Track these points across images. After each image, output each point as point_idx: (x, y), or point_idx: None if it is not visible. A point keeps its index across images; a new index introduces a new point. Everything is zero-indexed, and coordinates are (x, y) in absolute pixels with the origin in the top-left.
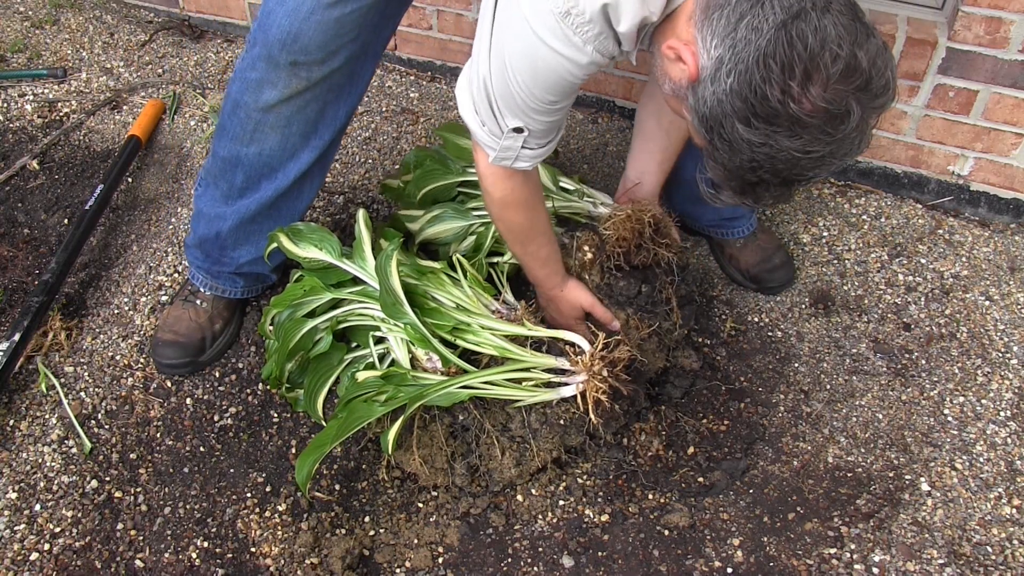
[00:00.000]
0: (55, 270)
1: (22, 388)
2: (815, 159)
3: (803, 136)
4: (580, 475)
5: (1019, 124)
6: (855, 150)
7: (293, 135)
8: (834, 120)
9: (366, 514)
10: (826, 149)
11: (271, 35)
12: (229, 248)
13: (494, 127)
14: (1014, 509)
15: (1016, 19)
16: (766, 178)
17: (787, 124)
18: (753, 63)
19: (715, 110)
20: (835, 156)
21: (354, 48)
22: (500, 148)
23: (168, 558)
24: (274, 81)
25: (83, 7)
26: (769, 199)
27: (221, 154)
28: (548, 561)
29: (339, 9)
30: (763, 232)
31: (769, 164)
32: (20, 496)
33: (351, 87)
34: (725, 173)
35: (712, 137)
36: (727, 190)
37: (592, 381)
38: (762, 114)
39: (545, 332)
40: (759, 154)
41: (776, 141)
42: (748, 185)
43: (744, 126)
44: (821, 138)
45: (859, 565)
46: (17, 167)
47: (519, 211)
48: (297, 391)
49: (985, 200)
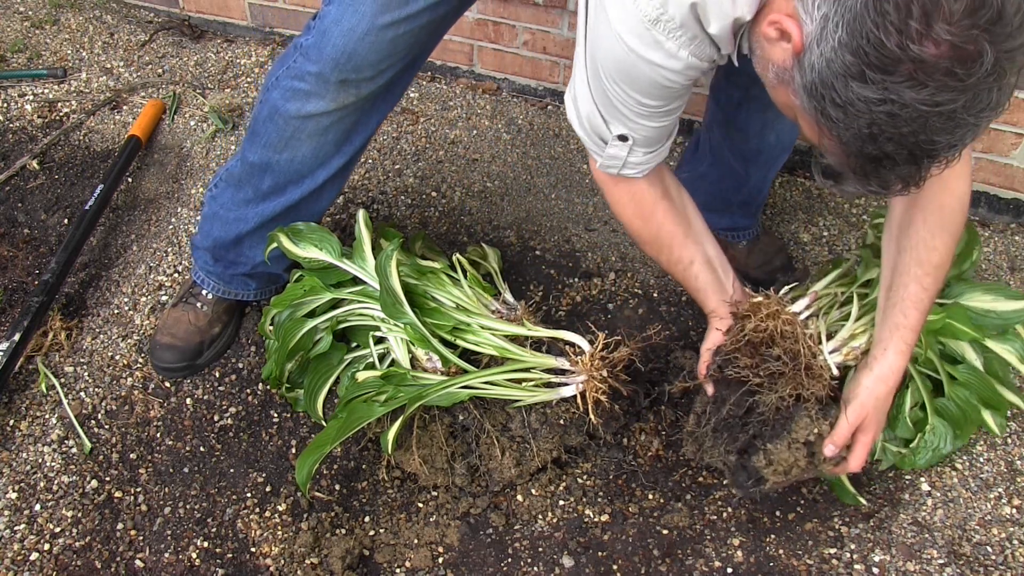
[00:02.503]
0: (55, 270)
1: (22, 388)
2: (945, 115)
3: (928, 84)
4: (580, 475)
5: (1019, 124)
6: (993, 104)
7: (328, 144)
8: (964, 61)
9: (366, 514)
10: (958, 101)
11: (326, 53)
12: (247, 248)
13: (597, 136)
14: (1014, 509)
15: None
16: (889, 150)
17: (908, 72)
18: (863, 9)
19: (824, 73)
20: (969, 111)
21: (402, 64)
22: (606, 156)
23: (168, 558)
24: (322, 94)
25: (83, 7)
26: (897, 182)
27: (251, 159)
28: (548, 561)
29: (393, 30)
30: (765, 235)
31: (892, 128)
32: (20, 496)
33: (389, 97)
34: (843, 150)
35: (823, 106)
36: (848, 174)
37: (592, 381)
38: (878, 64)
39: (545, 332)
40: (879, 115)
41: (897, 94)
42: (870, 163)
43: (859, 83)
44: (951, 84)
45: (859, 565)
46: (17, 167)
47: (634, 220)
48: (297, 391)
49: (985, 200)
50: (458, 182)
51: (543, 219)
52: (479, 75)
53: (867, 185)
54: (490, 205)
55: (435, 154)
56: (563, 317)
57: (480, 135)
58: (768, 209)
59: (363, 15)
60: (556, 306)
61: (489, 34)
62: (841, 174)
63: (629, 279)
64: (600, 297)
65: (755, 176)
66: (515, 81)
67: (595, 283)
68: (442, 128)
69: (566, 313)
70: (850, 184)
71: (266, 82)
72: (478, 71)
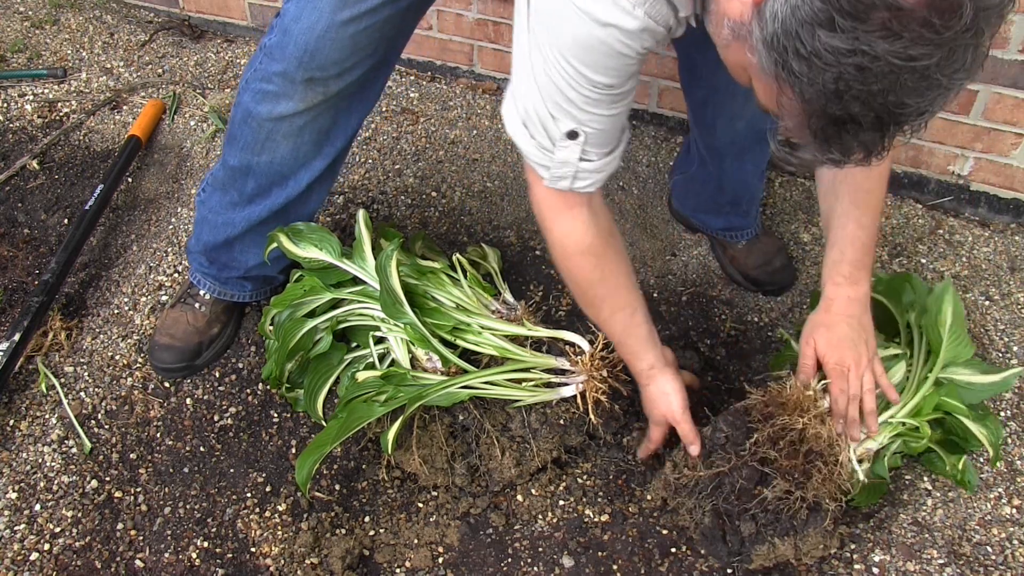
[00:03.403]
0: (55, 270)
1: (22, 388)
2: (919, 71)
3: (903, 35)
4: (580, 475)
5: (1019, 124)
6: (967, 65)
7: (305, 144)
8: (942, 12)
9: (366, 514)
10: (933, 57)
11: (288, 51)
12: (238, 252)
13: (544, 138)
14: (1014, 509)
15: (1016, 19)
16: (855, 111)
17: (882, 19)
18: None
19: (788, 22)
20: (942, 70)
21: (371, 62)
22: (555, 164)
23: (168, 558)
24: (290, 94)
25: (83, 7)
26: (859, 149)
27: (232, 163)
28: (548, 561)
29: (353, 26)
30: (765, 234)
31: (860, 84)
32: (20, 496)
33: (365, 96)
34: (803, 109)
35: (786, 59)
36: (807, 140)
37: (592, 381)
38: (850, 10)
39: (545, 332)
40: (847, 68)
41: (869, 44)
42: (833, 125)
43: (827, 31)
44: (927, 36)
45: (859, 565)
46: (17, 167)
47: (584, 259)
48: (297, 391)
49: (985, 200)
50: (458, 182)
51: None
52: (479, 75)
53: (827, 152)
54: (490, 205)
55: (435, 154)
56: (563, 317)
57: (480, 135)
58: (768, 209)
59: (322, 11)
60: (556, 306)
61: (489, 34)
62: (798, 139)
63: None
64: None
65: (733, 171)
66: None
67: None
68: (442, 128)
69: (566, 313)
70: (808, 151)
71: (240, 85)
72: (478, 71)
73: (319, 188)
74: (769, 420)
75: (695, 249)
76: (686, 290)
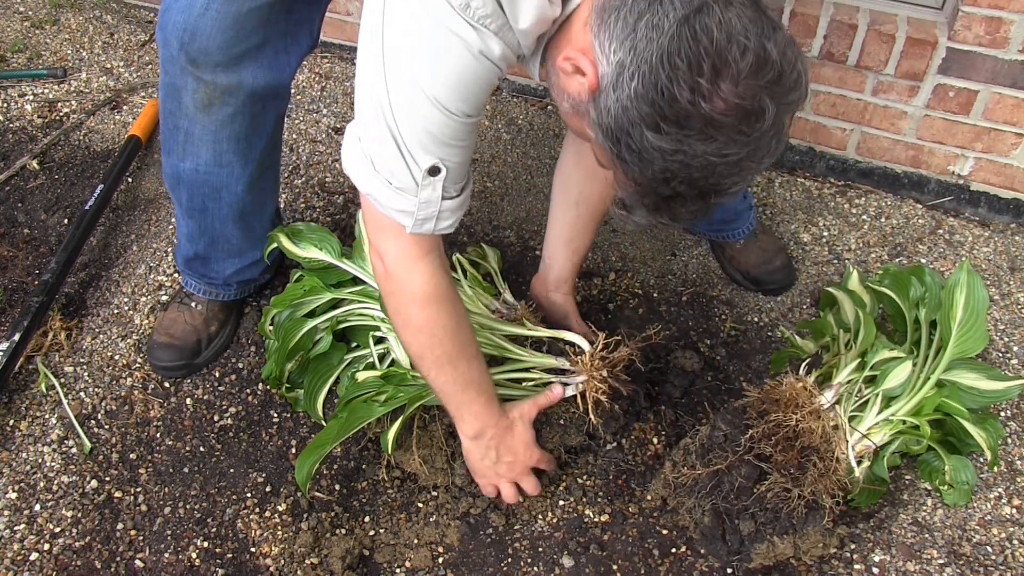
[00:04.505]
0: (55, 270)
1: (22, 388)
2: (732, 163)
3: (717, 138)
4: (580, 475)
5: (1019, 124)
6: (772, 151)
7: (226, 152)
8: (749, 118)
9: (366, 514)
10: (743, 151)
11: (168, 32)
12: (212, 262)
13: (405, 178)
14: (1014, 509)
15: (1016, 19)
16: (681, 190)
17: (699, 126)
18: (657, 62)
19: (620, 119)
20: (752, 159)
21: (262, 55)
22: (418, 206)
23: (168, 558)
24: (181, 85)
25: (83, 7)
26: (686, 215)
27: (166, 170)
28: (548, 561)
29: (237, 4)
30: (764, 233)
31: (684, 173)
32: (20, 496)
33: (273, 93)
34: (637, 189)
35: (619, 150)
36: (640, 208)
37: (592, 381)
38: (672, 117)
39: (545, 332)
40: (672, 163)
41: (689, 146)
42: (663, 200)
43: (653, 133)
44: (737, 139)
45: (859, 565)
46: (17, 167)
47: (442, 306)
48: (297, 391)
49: (985, 200)
50: None
51: (543, 219)
52: None
53: (658, 218)
54: (490, 205)
55: None
56: None
57: (480, 135)
58: (768, 209)
59: None
60: None
61: None
62: (632, 206)
63: (629, 279)
64: (600, 297)
65: None
66: (515, 81)
67: (595, 283)
68: None
69: None
70: (641, 216)
71: None
72: None
73: (264, 193)
74: (764, 417)
75: (695, 249)
76: (686, 290)
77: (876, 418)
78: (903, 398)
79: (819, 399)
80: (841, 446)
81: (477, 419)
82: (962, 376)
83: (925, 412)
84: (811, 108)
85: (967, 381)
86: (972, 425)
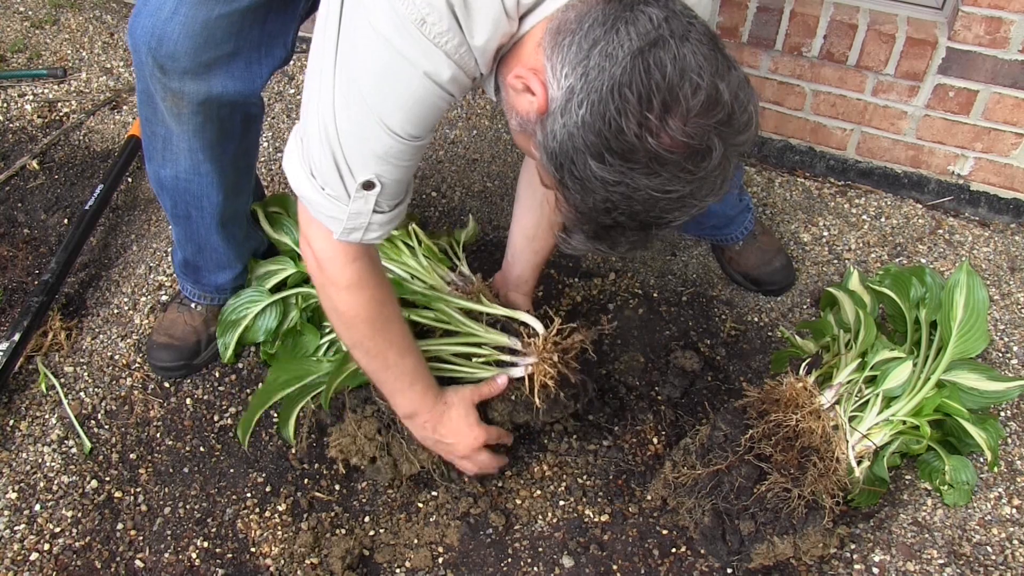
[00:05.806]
0: (55, 270)
1: (22, 388)
2: (674, 200)
3: (661, 174)
4: (580, 475)
5: (1019, 124)
6: (716, 191)
7: (204, 161)
8: (695, 157)
9: (366, 514)
10: (686, 189)
11: (137, 36)
12: (203, 272)
13: (338, 188)
14: (1014, 509)
15: (1016, 19)
16: (622, 221)
17: (644, 160)
18: (607, 93)
19: (565, 145)
20: (695, 197)
21: (234, 65)
22: (348, 216)
23: (168, 558)
24: (151, 91)
25: (83, 7)
26: (626, 245)
27: (150, 176)
28: (548, 561)
29: (205, 10)
30: (764, 233)
31: (625, 205)
32: (20, 496)
33: (243, 101)
34: (577, 216)
35: (562, 175)
36: (579, 234)
37: (541, 365)
38: (617, 149)
39: (501, 310)
40: (614, 194)
41: (632, 179)
42: (602, 229)
43: (597, 163)
44: (681, 176)
45: (859, 565)
46: (17, 167)
47: (372, 302)
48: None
49: (985, 200)
50: (458, 182)
51: None
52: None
53: (597, 245)
54: (490, 205)
55: (435, 154)
56: (564, 317)
57: (480, 135)
58: (768, 209)
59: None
60: (557, 306)
61: None
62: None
63: (629, 279)
64: (600, 297)
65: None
66: None
67: (595, 283)
68: (442, 128)
69: (566, 313)
70: (579, 242)
71: None
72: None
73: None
74: (764, 417)
75: (695, 249)
76: (686, 290)
77: (876, 418)
78: (903, 398)
79: (819, 399)
80: (841, 446)
81: (410, 404)
82: (962, 376)
83: (925, 412)
84: (811, 108)
85: (967, 381)
86: (972, 425)
